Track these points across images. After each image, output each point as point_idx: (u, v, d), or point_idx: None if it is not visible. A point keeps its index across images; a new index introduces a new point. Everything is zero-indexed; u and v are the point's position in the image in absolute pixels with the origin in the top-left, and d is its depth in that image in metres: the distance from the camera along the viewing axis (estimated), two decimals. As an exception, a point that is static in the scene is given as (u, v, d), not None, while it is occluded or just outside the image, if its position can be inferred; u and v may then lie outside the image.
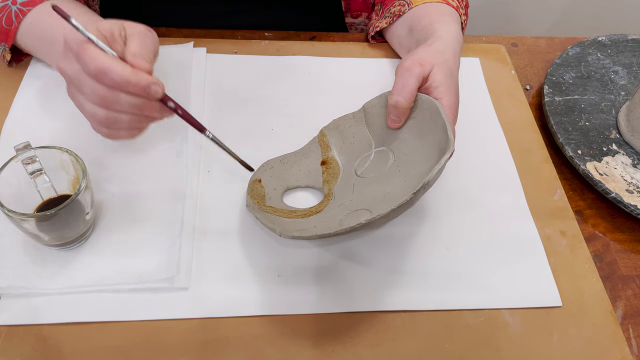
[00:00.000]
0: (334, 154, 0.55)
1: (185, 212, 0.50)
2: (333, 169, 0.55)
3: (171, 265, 0.46)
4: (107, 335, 0.43)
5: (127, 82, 0.39)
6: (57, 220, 0.42)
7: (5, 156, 0.44)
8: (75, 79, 0.41)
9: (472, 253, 0.51)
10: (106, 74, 0.39)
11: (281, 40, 0.68)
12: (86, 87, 0.40)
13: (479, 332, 0.46)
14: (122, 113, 0.42)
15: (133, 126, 0.43)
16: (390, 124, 0.51)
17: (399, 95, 0.48)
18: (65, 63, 0.41)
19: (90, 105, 0.41)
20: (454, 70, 0.54)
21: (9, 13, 0.54)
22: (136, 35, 0.43)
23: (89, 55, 0.39)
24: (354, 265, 0.49)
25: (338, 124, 0.56)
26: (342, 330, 0.45)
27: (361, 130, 0.55)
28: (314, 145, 0.56)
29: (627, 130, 0.61)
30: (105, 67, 0.39)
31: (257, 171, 0.53)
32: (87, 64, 0.39)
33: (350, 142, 0.55)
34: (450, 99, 0.50)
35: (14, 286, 0.44)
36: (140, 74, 0.40)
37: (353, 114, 0.55)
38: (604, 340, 0.47)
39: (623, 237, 0.55)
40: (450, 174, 0.55)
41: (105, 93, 0.40)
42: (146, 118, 0.43)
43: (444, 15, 0.61)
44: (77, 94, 0.42)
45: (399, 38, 0.65)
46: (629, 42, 0.73)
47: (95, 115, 0.41)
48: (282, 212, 0.50)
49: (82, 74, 0.40)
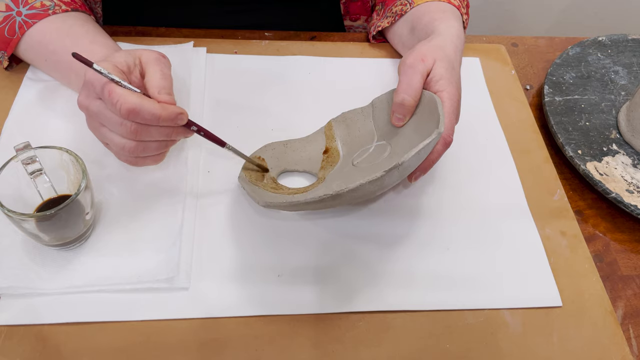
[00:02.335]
0: (337, 144, 0.56)
1: (185, 212, 0.50)
2: (333, 158, 0.55)
3: (171, 265, 0.46)
4: (107, 335, 0.43)
5: (158, 118, 0.42)
6: (57, 220, 0.42)
7: (5, 156, 0.44)
8: (100, 114, 0.44)
9: (472, 253, 0.51)
10: (138, 114, 0.41)
11: (281, 40, 0.68)
12: (113, 123, 0.43)
13: (479, 332, 0.46)
14: (151, 142, 0.45)
15: (159, 151, 0.46)
16: (395, 122, 0.51)
17: (405, 93, 0.49)
18: (87, 100, 0.44)
19: (118, 138, 0.44)
20: (455, 64, 0.54)
21: (13, 23, 0.55)
22: (153, 63, 0.46)
23: (117, 96, 0.41)
24: (354, 265, 0.49)
25: (346, 117, 0.57)
26: (342, 330, 0.45)
27: (367, 124, 0.56)
28: (320, 136, 0.57)
29: (627, 130, 0.61)
30: (136, 108, 0.41)
31: (259, 150, 0.54)
32: (115, 105, 0.41)
33: (355, 135, 0.56)
34: (451, 90, 0.50)
35: (14, 286, 0.44)
36: (167, 107, 0.43)
37: (362, 108, 0.57)
38: (604, 340, 0.47)
39: (623, 237, 0.55)
40: (451, 173, 0.55)
41: (137, 128, 0.43)
42: (171, 141, 0.46)
43: (445, 12, 0.61)
44: (101, 127, 0.45)
45: (400, 37, 0.65)
46: (629, 42, 0.73)
47: (125, 146, 0.44)
48: (269, 187, 0.51)
49: (107, 111, 0.43)
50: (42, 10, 0.55)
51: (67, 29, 0.55)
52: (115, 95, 0.41)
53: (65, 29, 0.55)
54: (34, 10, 0.55)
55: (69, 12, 0.57)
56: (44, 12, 0.55)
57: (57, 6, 0.56)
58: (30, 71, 0.60)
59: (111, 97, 0.41)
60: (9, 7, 0.55)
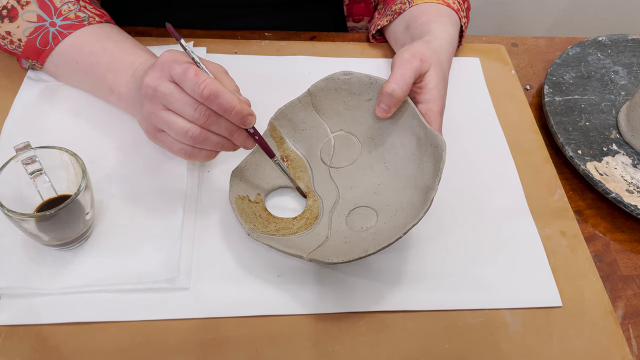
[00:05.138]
0: (290, 145, 0.54)
1: (185, 213, 0.50)
2: (296, 162, 0.53)
3: (171, 266, 0.46)
4: (107, 335, 0.43)
5: (232, 109, 0.43)
6: (57, 220, 0.42)
7: (5, 156, 0.44)
8: (170, 96, 0.43)
9: (472, 253, 0.51)
10: (217, 98, 0.42)
11: (281, 40, 0.68)
12: (185, 104, 0.43)
13: (479, 332, 0.46)
14: (213, 134, 0.45)
15: (217, 148, 0.46)
16: (380, 112, 0.49)
17: (396, 84, 0.48)
18: (158, 81, 0.44)
19: (184, 122, 0.44)
20: (446, 74, 0.55)
21: (46, 34, 0.54)
22: (226, 73, 0.47)
23: (204, 77, 0.42)
24: (353, 265, 0.49)
25: (285, 112, 0.54)
26: (342, 330, 0.45)
27: (310, 115, 0.54)
28: (267, 141, 0.53)
29: (627, 130, 0.61)
30: (218, 92, 0.42)
31: (232, 188, 0.50)
32: (200, 85, 0.42)
33: (302, 128, 0.54)
34: (440, 104, 0.51)
35: (14, 286, 0.44)
36: (243, 104, 0.44)
37: (299, 98, 0.53)
38: (604, 340, 0.47)
39: (623, 237, 0.55)
40: (450, 174, 0.55)
41: (210, 114, 0.43)
42: (228, 144, 0.46)
43: (442, 16, 0.61)
44: (163, 110, 0.44)
45: (395, 34, 0.65)
46: (629, 42, 0.73)
47: (189, 131, 0.44)
48: (283, 228, 0.49)
49: (181, 93, 0.43)
50: (77, 21, 0.55)
51: (105, 35, 0.55)
52: (202, 75, 0.42)
53: (104, 35, 0.55)
54: (68, 21, 0.55)
55: (104, 23, 0.57)
56: (79, 23, 0.55)
57: (91, 18, 0.56)
58: (30, 71, 0.60)
59: (197, 77, 0.42)
60: (40, 18, 0.54)
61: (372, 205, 0.49)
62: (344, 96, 0.53)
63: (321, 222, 0.49)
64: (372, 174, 0.51)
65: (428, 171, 0.46)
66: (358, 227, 0.47)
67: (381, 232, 0.45)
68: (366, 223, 0.47)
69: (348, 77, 0.52)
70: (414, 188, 0.47)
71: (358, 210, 0.49)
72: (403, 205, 0.46)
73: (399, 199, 0.47)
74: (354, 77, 0.51)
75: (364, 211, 0.49)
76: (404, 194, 0.47)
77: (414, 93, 0.51)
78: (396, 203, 0.47)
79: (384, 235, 0.43)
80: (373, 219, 0.47)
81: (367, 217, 0.48)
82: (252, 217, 0.49)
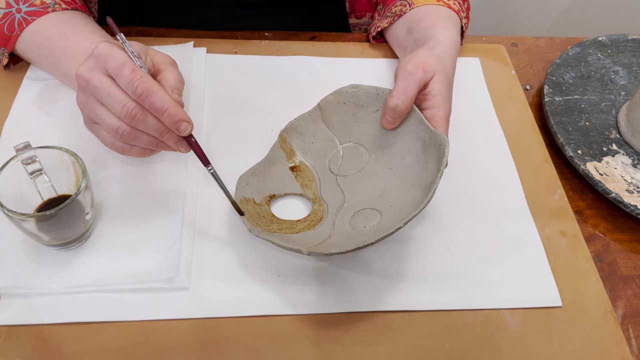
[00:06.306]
0: (300, 157, 0.55)
1: (185, 212, 0.50)
2: (305, 172, 0.54)
3: (171, 266, 0.46)
4: (107, 335, 0.43)
5: (165, 110, 0.42)
6: (57, 220, 0.42)
7: (5, 156, 0.44)
8: (101, 90, 0.42)
9: (472, 253, 0.51)
10: (150, 97, 0.41)
11: (281, 40, 0.68)
12: (115, 101, 0.42)
13: (479, 332, 0.46)
14: (144, 133, 0.44)
15: (150, 147, 0.45)
16: (385, 124, 0.51)
17: (398, 99, 0.49)
18: (90, 73, 0.43)
19: (113, 119, 0.43)
20: (451, 79, 0.55)
21: (12, 20, 0.55)
22: (170, 65, 0.46)
23: (140, 74, 0.41)
24: (354, 265, 0.49)
25: (295, 125, 0.55)
26: (342, 330, 0.45)
27: (319, 128, 0.55)
28: (277, 151, 0.55)
29: (627, 130, 0.61)
30: (152, 91, 0.41)
31: (238, 190, 0.51)
32: (134, 82, 0.41)
33: (311, 141, 0.55)
34: (445, 109, 0.51)
35: (14, 286, 0.44)
36: (178, 108, 0.43)
37: (309, 112, 0.55)
38: (604, 340, 0.47)
39: (623, 237, 0.55)
40: (451, 174, 0.55)
41: (137, 113, 0.42)
42: (162, 144, 0.46)
43: (445, 19, 0.61)
44: (95, 103, 0.44)
45: (396, 37, 0.65)
46: (629, 42, 0.73)
47: (119, 129, 0.43)
48: (286, 228, 0.49)
49: (113, 88, 0.42)
50: (42, 7, 0.55)
51: (66, 21, 0.55)
52: (138, 72, 0.41)
53: (65, 21, 0.55)
54: (33, 7, 0.55)
55: (69, 10, 0.57)
56: (44, 10, 0.55)
57: (57, 4, 0.56)
58: (30, 71, 0.60)
59: (133, 74, 0.41)
60: (8, 4, 0.55)
61: (377, 207, 0.49)
62: (352, 109, 0.54)
63: (325, 223, 0.49)
64: (378, 179, 0.51)
65: (432, 169, 0.46)
66: (361, 226, 0.47)
67: (383, 228, 0.45)
68: (369, 222, 0.47)
69: (356, 89, 0.53)
70: (419, 187, 0.47)
71: (362, 212, 0.49)
72: (407, 204, 0.46)
73: (403, 199, 0.47)
74: (361, 89, 0.53)
75: (368, 212, 0.49)
76: (408, 194, 0.47)
77: (419, 100, 0.52)
78: (400, 203, 0.47)
79: (385, 230, 0.43)
80: (377, 219, 0.48)
81: (370, 217, 0.48)
82: (256, 217, 0.49)
